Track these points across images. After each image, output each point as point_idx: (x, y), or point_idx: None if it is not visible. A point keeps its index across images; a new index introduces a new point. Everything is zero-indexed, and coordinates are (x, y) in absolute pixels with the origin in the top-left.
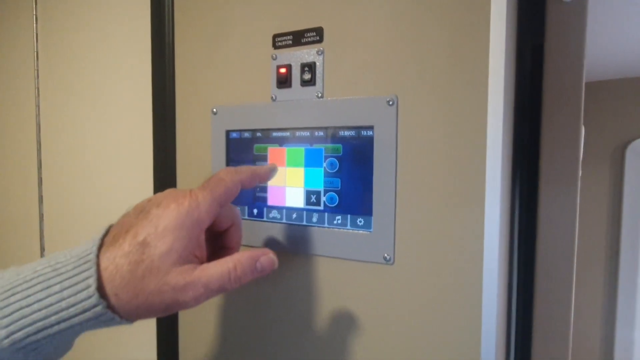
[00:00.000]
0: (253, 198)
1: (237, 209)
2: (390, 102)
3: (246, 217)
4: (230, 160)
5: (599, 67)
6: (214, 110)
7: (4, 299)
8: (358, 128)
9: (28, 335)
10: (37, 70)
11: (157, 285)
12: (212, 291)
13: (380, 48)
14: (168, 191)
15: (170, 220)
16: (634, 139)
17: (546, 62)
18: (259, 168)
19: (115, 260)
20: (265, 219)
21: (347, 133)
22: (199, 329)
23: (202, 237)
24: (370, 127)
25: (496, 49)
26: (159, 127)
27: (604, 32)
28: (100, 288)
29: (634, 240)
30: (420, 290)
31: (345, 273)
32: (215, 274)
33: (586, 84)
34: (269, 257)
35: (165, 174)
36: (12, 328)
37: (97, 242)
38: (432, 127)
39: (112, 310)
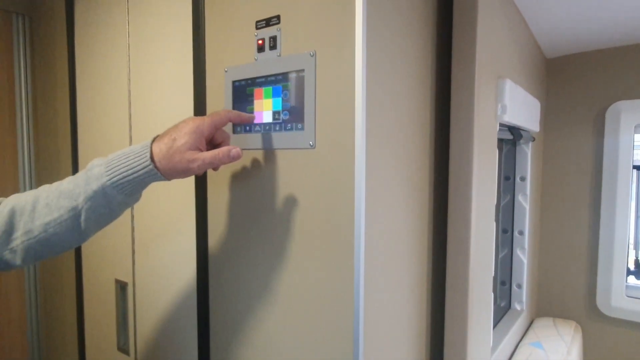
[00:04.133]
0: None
1: (228, 133)
2: (311, 54)
3: (244, 132)
4: (235, 98)
5: (583, 40)
6: (226, 69)
7: (107, 165)
8: (297, 71)
9: (118, 180)
10: (129, 57)
11: (179, 159)
12: (207, 164)
13: (307, 25)
14: (189, 117)
15: (188, 129)
16: (612, 103)
17: (453, 52)
18: (244, 114)
19: (160, 146)
20: (252, 131)
21: (292, 75)
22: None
23: (204, 141)
24: (302, 70)
25: (359, 29)
26: (197, 81)
27: (583, 8)
28: (152, 158)
29: (612, 193)
30: (329, 162)
31: (292, 156)
32: (208, 155)
33: (572, 55)
34: (237, 150)
35: (200, 109)
36: (110, 175)
37: (152, 139)
38: (333, 68)
39: (157, 169)
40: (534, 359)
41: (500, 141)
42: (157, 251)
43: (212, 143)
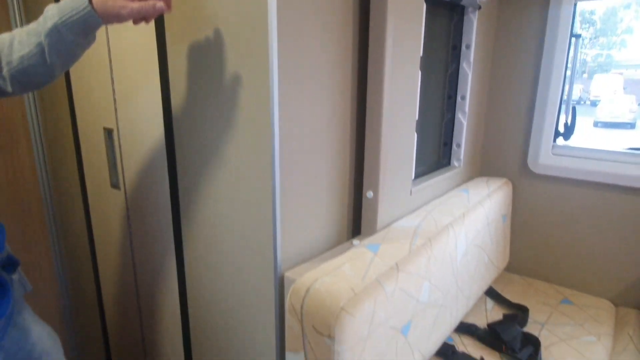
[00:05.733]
0: None
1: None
2: None
3: None
4: None
5: None
6: None
7: (59, 7)
8: None
9: (66, 19)
10: None
11: (112, 4)
12: (135, 12)
13: None
14: None
15: None
16: None
17: None
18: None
19: None
20: None
21: None
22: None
23: None
24: None
25: None
26: None
27: None
28: (90, 3)
29: (550, 59)
30: None
31: None
32: (136, 5)
33: None
34: (161, 4)
35: None
36: (60, 15)
37: None
38: None
39: (94, 11)
40: (456, 197)
41: (451, 11)
42: (133, 100)
43: None
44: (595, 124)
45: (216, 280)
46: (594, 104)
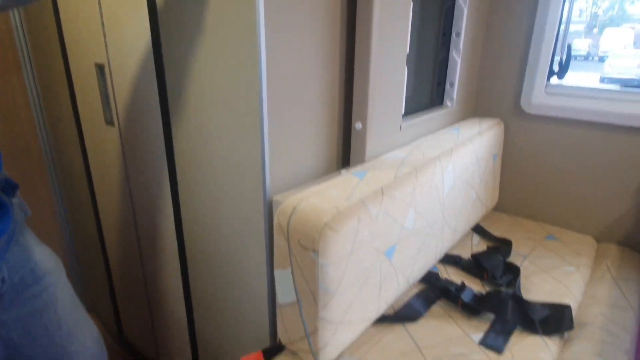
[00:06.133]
0: None
1: None
2: None
3: None
4: None
5: None
6: None
7: None
8: None
9: None
10: None
11: None
12: None
13: None
14: None
15: None
16: None
17: None
18: None
19: None
20: None
21: None
22: None
23: None
24: None
25: None
26: None
27: None
28: None
29: (544, 13)
30: None
31: None
32: None
33: None
34: None
35: None
36: None
37: None
38: None
39: None
40: (446, 134)
41: None
42: (122, 32)
43: None
44: (602, 80)
45: (209, 207)
46: (602, 59)
